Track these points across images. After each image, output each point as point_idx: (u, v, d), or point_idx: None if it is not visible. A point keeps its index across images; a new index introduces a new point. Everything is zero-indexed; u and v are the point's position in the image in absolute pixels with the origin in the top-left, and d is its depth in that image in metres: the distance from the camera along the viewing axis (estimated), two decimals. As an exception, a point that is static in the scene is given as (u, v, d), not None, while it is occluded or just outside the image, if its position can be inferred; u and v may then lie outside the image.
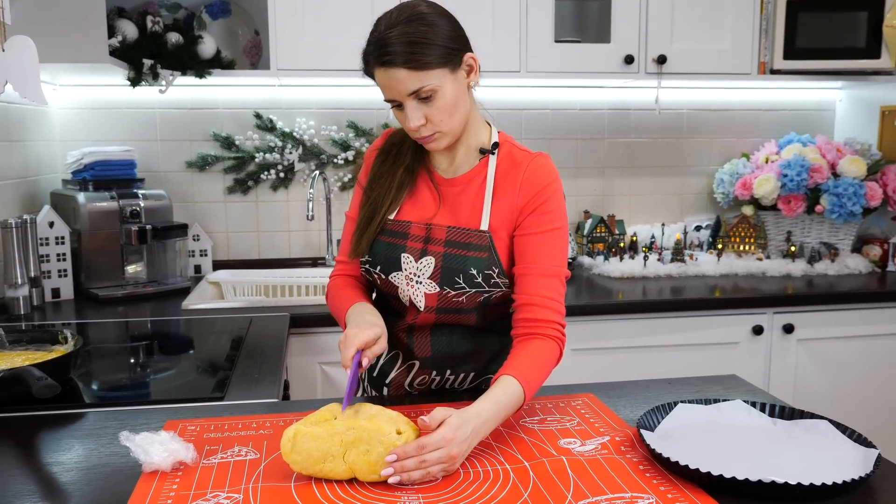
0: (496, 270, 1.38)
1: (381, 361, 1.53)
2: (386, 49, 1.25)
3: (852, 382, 2.53)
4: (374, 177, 1.47)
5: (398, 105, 1.31)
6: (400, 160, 1.46)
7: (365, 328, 1.25)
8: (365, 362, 1.23)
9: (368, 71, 1.32)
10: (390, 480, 1.05)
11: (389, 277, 1.42)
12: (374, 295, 1.54)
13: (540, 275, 1.34)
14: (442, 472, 1.08)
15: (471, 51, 1.34)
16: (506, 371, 1.25)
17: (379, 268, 1.43)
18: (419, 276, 1.40)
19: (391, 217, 1.44)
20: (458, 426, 1.10)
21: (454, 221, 1.41)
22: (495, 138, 1.44)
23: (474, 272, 1.37)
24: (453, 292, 1.39)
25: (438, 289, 1.39)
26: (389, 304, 1.49)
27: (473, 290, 1.38)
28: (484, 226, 1.38)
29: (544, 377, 1.30)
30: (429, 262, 1.39)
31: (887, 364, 2.54)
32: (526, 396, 1.23)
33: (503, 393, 1.21)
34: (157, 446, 1.10)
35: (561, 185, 1.41)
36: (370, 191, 1.46)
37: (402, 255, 1.40)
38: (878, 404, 2.55)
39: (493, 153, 1.42)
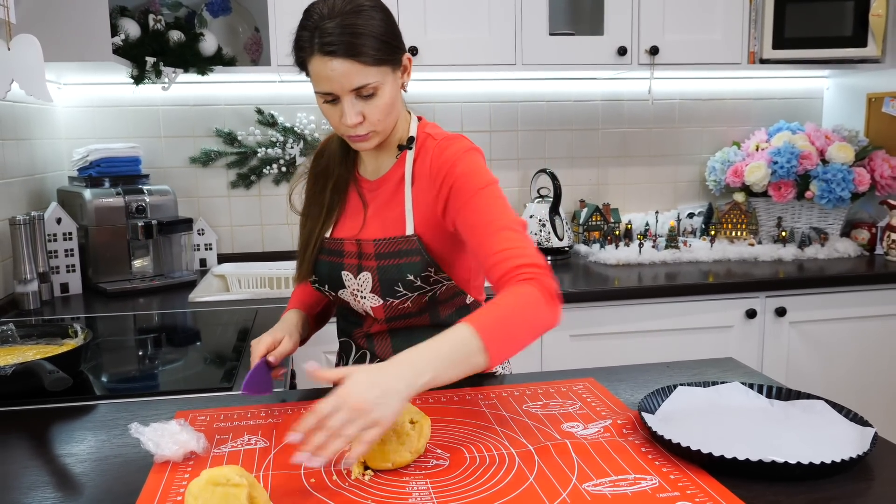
0: (432, 269, 1.33)
1: (351, 360, 1.51)
2: (331, 38, 1.17)
3: (843, 363, 2.53)
4: (308, 198, 1.44)
5: (332, 100, 1.24)
6: (329, 174, 1.41)
7: (271, 333, 1.34)
8: (272, 359, 1.31)
9: (301, 58, 1.23)
10: (299, 459, 0.94)
11: (338, 294, 1.41)
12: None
13: (488, 234, 1.21)
14: (365, 430, 0.94)
15: (406, 51, 1.29)
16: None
17: (326, 286, 1.42)
18: (362, 292, 1.37)
19: (327, 235, 1.40)
20: (350, 377, 0.98)
21: (382, 231, 1.35)
22: (412, 132, 1.36)
23: (411, 277, 1.32)
24: (397, 301, 1.35)
25: (382, 301, 1.36)
26: (348, 312, 1.48)
27: (416, 294, 1.34)
28: (409, 230, 1.32)
29: (517, 317, 1.12)
30: (366, 278, 1.35)
31: (877, 344, 2.54)
32: (482, 338, 1.06)
33: (440, 336, 1.06)
34: (167, 438, 1.09)
35: (472, 151, 1.29)
36: (305, 214, 1.44)
37: (342, 272, 1.38)
38: (869, 384, 2.55)
39: (410, 148, 1.35)
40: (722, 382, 1.29)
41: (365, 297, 1.37)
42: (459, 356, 1.05)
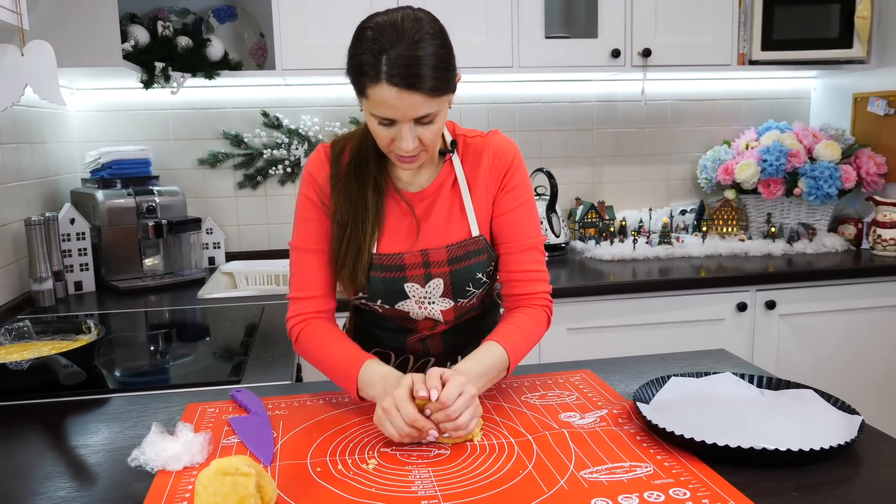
0: (494, 263, 1.36)
1: (392, 366, 1.44)
2: (399, 69, 1.09)
3: (831, 354, 2.53)
4: (343, 202, 1.28)
5: (388, 123, 1.16)
6: (363, 180, 1.29)
7: (403, 388, 1.10)
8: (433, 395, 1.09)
9: (362, 83, 1.13)
10: (430, 438, 1.08)
11: (396, 307, 1.34)
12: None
13: (521, 251, 1.32)
14: (472, 419, 1.08)
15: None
16: (490, 338, 1.24)
17: (380, 301, 1.32)
18: (430, 298, 1.33)
19: (374, 251, 1.29)
20: (458, 376, 1.11)
21: (445, 238, 1.31)
22: (448, 135, 1.33)
23: (480, 275, 1.33)
24: (465, 300, 1.35)
25: (453, 303, 1.34)
26: (394, 322, 1.39)
27: (481, 290, 1.36)
28: (475, 231, 1.31)
29: (532, 340, 1.29)
30: (437, 284, 1.31)
31: (863, 336, 2.54)
32: (510, 358, 1.22)
33: (485, 353, 1.21)
34: (171, 461, 1.03)
35: (521, 155, 1.34)
36: (344, 219, 1.28)
37: (406, 285, 1.31)
38: (855, 373, 2.55)
39: (454, 152, 1.32)
40: (714, 373, 1.29)
41: (434, 303, 1.33)
42: (496, 374, 1.23)
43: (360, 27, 1.15)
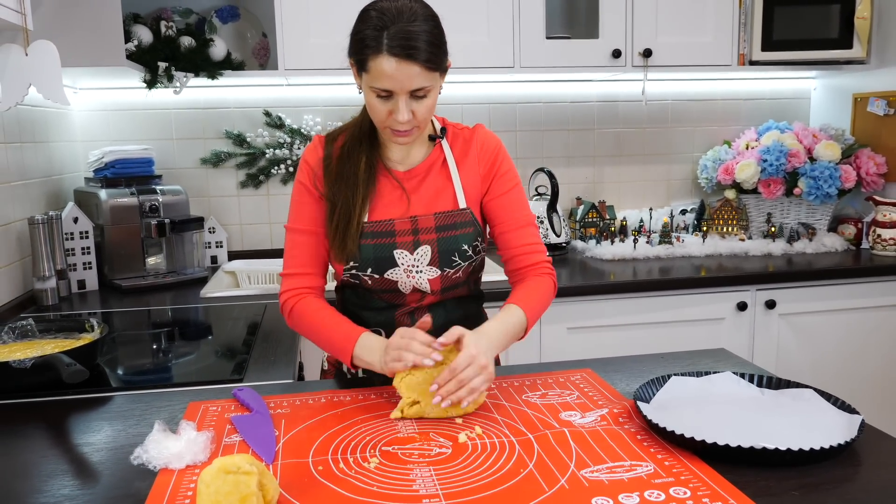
0: (480, 239, 1.44)
1: None
2: (412, 42, 1.20)
3: (830, 353, 2.53)
4: (335, 181, 1.38)
5: (386, 96, 1.26)
6: (355, 160, 1.38)
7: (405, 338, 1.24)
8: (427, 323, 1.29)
9: (364, 55, 1.23)
10: (442, 404, 1.15)
11: (385, 275, 1.39)
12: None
13: (517, 228, 1.43)
14: (484, 383, 1.17)
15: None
16: (510, 301, 1.35)
17: (370, 269, 1.38)
18: (418, 266, 1.39)
19: (365, 220, 1.37)
20: (476, 341, 1.20)
21: (433, 208, 1.40)
22: (437, 123, 1.45)
23: (465, 247, 1.41)
24: (451, 270, 1.41)
25: (440, 272, 1.40)
26: (384, 296, 1.43)
27: (466, 263, 1.42)
28: (462, 204, 1.41)
29: (544, 304, 1.40)
30: (425, 251, 1.39)
31: (863, 335, 2.53)
32: (528, 320, 1.34)
33: (508, 315, 1.32)
34: (174, 459, 1.03)
35: (504, 146, 1.48)
36: (335, 195, 1.37)
37: (395, 251, 1.38)
38: (855, 373, 2.54)
39: (443, 138, 1.44)
40: (714, 372, 1.28)
41: (421, 272, 1.39)
42: (516, 332, 1.33)
43: (364, 9, 1.27)
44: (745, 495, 0.91)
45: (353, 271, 1.40)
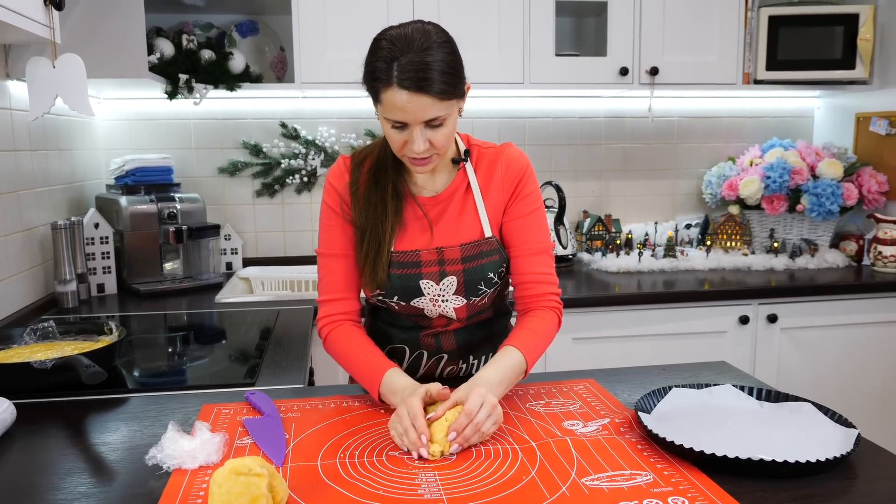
0: (505, 265, 1.38)
1: (406, 363, 1.45)
2: (409, 73, 1.14)
3: (831, 367, 2.51)
4: (363, 207, 1.34)
5: (400, 126, 1.21)
6: (382, 185, 1.34)
7: (415, 397, 1.16)
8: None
9: (376, 87, 1.19)
10: (453, 449, 1.09)
11: (411, 303, 1.36)
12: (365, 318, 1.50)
13: (531, 254, 1.35)
14: (494, 426, 1.12)
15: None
16: (508, 342, 1.28)
17: (396, 297, 1.35)
18: (444, 295, 1.35)
19: (392, 249, 1.34)
20: (478, 388, 1.14)
21: (457, 238, 1.35)
22: (461, 145, 1.38)
23: (491, 275, 1.36)
24: (477, 298, 1.37)
25: (465, 301, 1.36)
26: (409, 318, 1.41)
27: (492, 290, 1.38)
28: (488, 233, 1.36)
29: (545, 343, 1.32)
30: (451, 282, 1.34)
31: (863, 350, 2.52)
32: (528, 362, 1.26)
33: (504, 359, 1.24)
34: (188, 458, 1.04)
35: (532, 167, 1.40)
36: (364, 223, 1.33)
37: (421, 282, 1.34)
38: (855, 387, 2.53)
39: (468, 160, 1.37)
40: (715, 385, 1.28)
41: (447, 301, 1.35)
42: (514, 377, 1.25)
43: (376, 39, 1.22)
44: (742, 506, 0.91)
45: (380, 297, 1.37)
